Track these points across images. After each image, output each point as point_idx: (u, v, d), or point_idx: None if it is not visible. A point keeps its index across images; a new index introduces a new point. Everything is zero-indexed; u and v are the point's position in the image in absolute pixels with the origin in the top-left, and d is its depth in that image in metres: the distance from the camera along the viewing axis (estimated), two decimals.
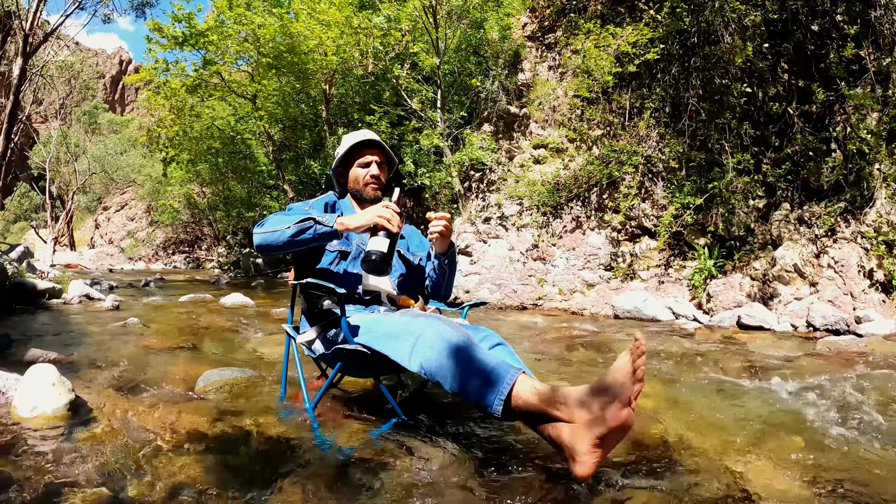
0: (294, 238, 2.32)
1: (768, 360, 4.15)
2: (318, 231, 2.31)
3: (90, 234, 44.78)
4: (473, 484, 1.80)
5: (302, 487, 1.75)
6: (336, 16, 11.36)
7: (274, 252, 2.41)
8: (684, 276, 7.58)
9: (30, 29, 12.72)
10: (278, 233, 2.34)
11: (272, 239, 2.36)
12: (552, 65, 10.43)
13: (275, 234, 2.35)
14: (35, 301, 6.59)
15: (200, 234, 31.13)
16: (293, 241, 2.33)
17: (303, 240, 2.33)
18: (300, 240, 2.33)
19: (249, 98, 14.63)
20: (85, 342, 4.25)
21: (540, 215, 9.09)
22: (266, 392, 2.86)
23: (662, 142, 8.40)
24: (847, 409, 2.72)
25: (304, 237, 2.32)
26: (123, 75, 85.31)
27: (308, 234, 2.32)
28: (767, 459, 2.07)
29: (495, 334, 2.28)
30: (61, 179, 38.45)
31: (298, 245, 2.35)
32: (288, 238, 2.33)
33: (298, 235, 2.32)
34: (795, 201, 7.02)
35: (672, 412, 2.69)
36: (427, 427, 2.38)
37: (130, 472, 1.80)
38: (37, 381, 2.33)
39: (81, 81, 32.74)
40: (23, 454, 1.89)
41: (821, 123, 7.00)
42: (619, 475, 1.88)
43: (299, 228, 2.31)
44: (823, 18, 7.21)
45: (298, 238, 2.32)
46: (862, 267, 6.23)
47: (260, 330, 5.17)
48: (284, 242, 2.34)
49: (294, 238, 2.32)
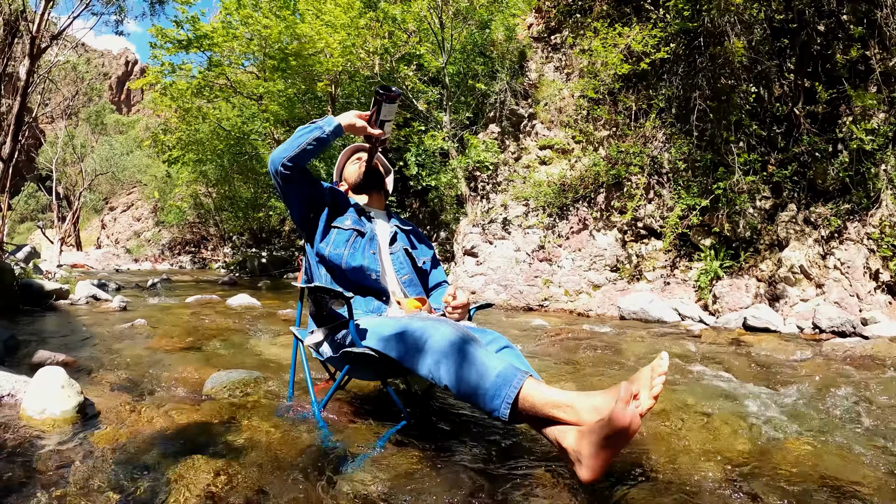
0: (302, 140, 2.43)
1: (774, 363, 4.15)
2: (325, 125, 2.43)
3: (96, 235, 44.95)
4: (480, 486, 1.80)
5: (310, 489, 1.76)
6: (342, 17, 11.37)
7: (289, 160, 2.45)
8: (690, 277, 7.57)
9: (37, 31, 12.76)
10: (287, 142, 2.46)
11: (284, 148, 2.46)
12: (558, 65, 10.43)
13: (285, 145, 2.47)
14: (42, 302, 6.62)
15: (206, 234, 31.21)
16: (304, 148, 2.43)
17: (314, 139, 2.43)
18: (313, 139, 2.43)
19: (255, 98, 14.66)
20: (93, 344, 4.27)
21: (546, 216, 9.09)
22: (274, 394, 2.87)
23: (669, 142, 8.39)
24: (852, 413, 2.72)
25: (312, 134, 2.43)
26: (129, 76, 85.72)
27: (314, 130, 2.44)
28: (772, 462, 2.07)
29: (502, 337, 2.28)
30: (68, 180, 38.56)
31: (310, 145, 2.43)
32: (298, 145, 2.43)
33: (307, 135, 2.43)
34: (802, 202, 7.00)
35: (677, 414, 2.69)
36: (434, 429, 2.39)
37: (139, 474, 1.82)
38: (46, 384, 2.35)
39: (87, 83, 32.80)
40: (32, 457, 1.91)
41: (827, 124, 6.98)
42: (624, 479, 1.89)
43: (305, 129, 2.46)
44: (829, 19, 7.19)
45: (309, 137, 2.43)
46: (868, 268, 6.21)
47: (267, 331, 5.18)
48: (296, 147, 2.43)
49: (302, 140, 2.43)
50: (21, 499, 1.61)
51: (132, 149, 39.55)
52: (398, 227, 2.79)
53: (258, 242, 23.60)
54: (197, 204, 27.74)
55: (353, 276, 2.51)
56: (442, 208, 11.75)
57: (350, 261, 2.50)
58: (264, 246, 22.79)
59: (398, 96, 2.41)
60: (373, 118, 2.46)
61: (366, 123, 2.46)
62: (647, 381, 1.60)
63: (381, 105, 2.40)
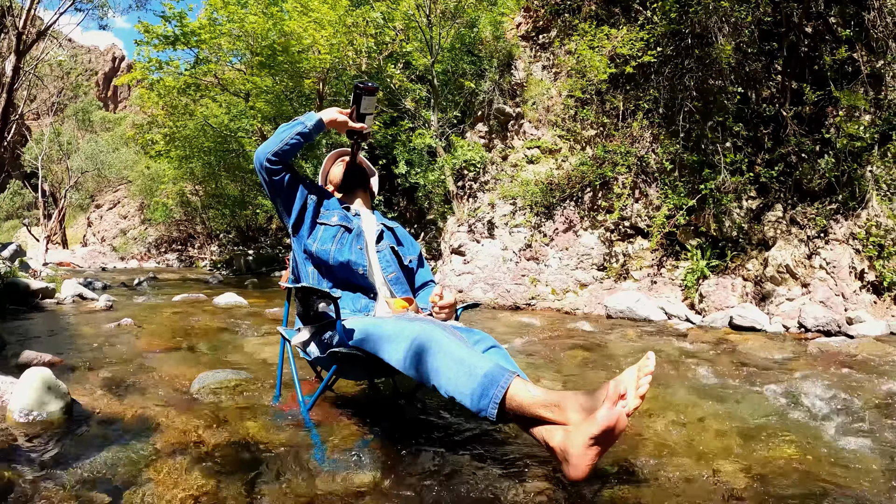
0: (285, 135, 2.51)
1: (760, 362, 4.18)
2: (306, 120, 2.54)
3: (83, 232, 44.61)
4: (468, 485, 1.81)
5: (298, 489, 1.76)
6: (330, 14, 11.33)
7: (272, 156, 2.51)
8: (677, 276, 7.61)
9: (23, 27, 12.65)
10: (271, 138, 2.54)
11: (268, 144, 2.53)
12: (546, 65, 10.44)
13: (269, 141, 2.54)
14: (28, 301, 6.57)
15: (193, 232, 31.01)
16: (287, 142, 2.50)
17: (296, 133, 2.51)
18: (295, 133, 2.51)
19: (242, 96, 14.59)
20: (79, 343, 4.24)
21: (533, 215, 9.10)
22: (261, 394, 2.87)
23: (656, 142, 8.43)
24: (836, 412, 2.75)
25: (295, 129, 2.52)
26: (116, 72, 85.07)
27: (296, 126, 2.53)
28: (757, 461, 2.09)
29: (489, 337, 2.29)
30: (53, 177, 38.23)
31: (293, 140, 2.51)
32: (281, 139, 2.50)
33: (290, 130, 2.52)
34: (788, 202, 7.06)
35: (663, 413, 2.71)
36: (421, 428, 2.40)
37: (126, 475, 1.81)
38: (32, 385, 2.33)
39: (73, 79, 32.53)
40: (18, 459, 1.89)
41: (814, 125, 7.03)
42: (611, 477, 1.90)
43: (288, 125, 2.55)
44: (817, 20, 7.25)
45: (292, 132, 2.51)
46: (853, 268, 6.27)
47: (254, 330, 5.17)
48: (279, 142, 2.50)
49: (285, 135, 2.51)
50: (7, 500, 1.60)
51: (118, 146, 39.26)
52: (384, 226, 2.79)
53: (245, 240, 23.52)
54: (184, 202, 27.57)
55: (340, 273, 2.52)
56: (429, 207, 11.75)
57: (337, 256, 2.50)
58: (251, 244, 22.71)
59: (376, 89, 2.52)
60: (353, 114, 2.56)
61: (347, 118, 2.56)
62: (633, 381, 1.61)
63: (360, 99, 2.52)
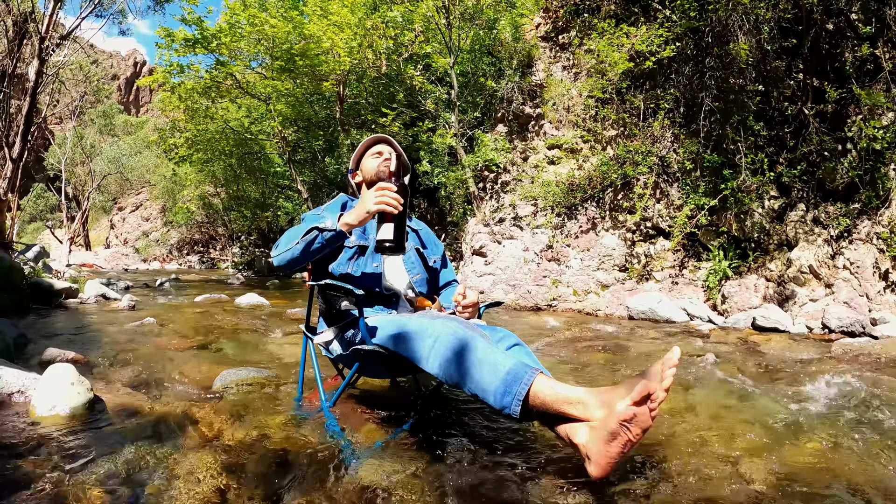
0: (307, 250, 2.35)
1: (783, 363, 4.13)
2: (324, 238, 2.33)
3: (105, 234, 45.23)
4: (490, 483, 1.80)
5: (319, 486, 1.76)
6: (349, 17, 11.38)
7: (297, 267, 2.44)
8: (699, 277, 7.55)
9: (45, 31, 12.84)
10: (291, 251, 2.38)
11: (289, 257, 2.39)
12: (566, 65, 10.39)
13: (288, 253, 2.39)
14: (52, 300, 6.66)
15: (215, 234, 31.28)
16: (308, 254, 2.36)
17: (316, 249, 2.36)
18: (314, 250, 2.36)
19: (263, 99, 14.69)
20: (102, 342, 4.29)
21: (554, 216, 9.07)
22: (283, 392, 2.88)
23: (677, 142, 8.36)
24: (861, 413, 2.70)
25: (315, 247, 2.35)
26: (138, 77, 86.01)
27: (317, 243, 2.34)
28: (780, 461, 2.06)
29: (512, 335, 2.28)
30: (76, 180, 38.81)
31: (315, 254, 2.38)
32: (300, 253, 2.36)
33: (309, 247, 2.35)
34: (811, 202, 6.97)
35: (688, 414, 2.68)
36: (443, 427, 2.39)
37: (149, 471, 1.82)
38: (55, 381, 2.36)
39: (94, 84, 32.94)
40: (42, 453, 1.92)
41: (836, 123, 6.94)
42: (633, 476, 1.89)
43: (307, 241, 2.34)
44: (838, 17, 7.15)
45: (312, 249, 2.35)
46: (877, 268, 6.17)
47: (276, 330, 5.19)
48: (299, 257, 2.37)
49: (307, 250, 2.35)
50: (32, 495, 1.62)
51: (141, 149, 39.73)
52: (409, 228, 2.78)
53: (267, 242, 23.65)
54: (205, 204, 27.81)
55: (360, 284, 2.52)
56: (451, 208, 11.75)
57: (354, 274, 2.51)
58: (272, 245, 22.82)
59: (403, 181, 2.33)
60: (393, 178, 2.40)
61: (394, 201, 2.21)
62: (658, 375, 1.59)
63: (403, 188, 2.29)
